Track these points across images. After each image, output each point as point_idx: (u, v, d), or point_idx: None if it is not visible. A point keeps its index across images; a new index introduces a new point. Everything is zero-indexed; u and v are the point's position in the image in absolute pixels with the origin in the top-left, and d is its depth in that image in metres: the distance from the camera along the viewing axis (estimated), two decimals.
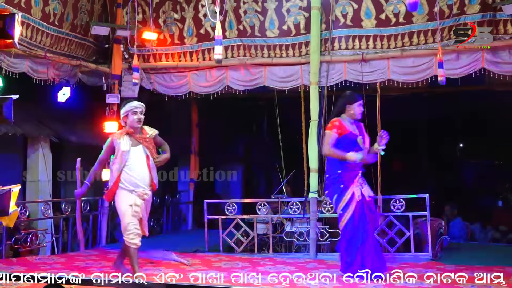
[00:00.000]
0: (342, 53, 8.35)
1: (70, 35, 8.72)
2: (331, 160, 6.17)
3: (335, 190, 6.08)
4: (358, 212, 5.96)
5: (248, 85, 8.95)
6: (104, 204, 9.19)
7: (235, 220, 8.35)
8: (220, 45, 7.04)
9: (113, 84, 9.35)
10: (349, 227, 5.99)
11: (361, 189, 6.07)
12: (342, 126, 6.08)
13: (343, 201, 6.00)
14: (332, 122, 6.14)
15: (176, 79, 9.34)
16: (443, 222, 8.64)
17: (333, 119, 6.19)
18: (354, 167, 6.05)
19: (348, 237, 6.00)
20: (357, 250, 5.91)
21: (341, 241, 6.14)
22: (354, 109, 6.17)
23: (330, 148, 6.03)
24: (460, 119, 14.75)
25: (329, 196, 6.29)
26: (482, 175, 16.90)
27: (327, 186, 6.29)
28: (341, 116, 6.19)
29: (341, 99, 6.31)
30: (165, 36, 9.33)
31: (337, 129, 6.05)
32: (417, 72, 8.02)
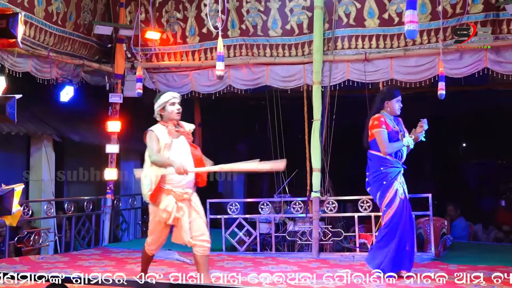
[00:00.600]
0: (345, 53, 8.34)
1: (73, 34, 8.73)
2: (373, 157, 6.11)
3: (378, 187, 6.04)
4: (400, 210, 5.94)
5: (250, 85, 8.94)
6: (107, 204, 9.20)
7: (237, 219, 8.35)
8: (222, 61, 7.07)
9: (116, 84, 9.36)
10: (391, 224, 5.95)
11: (403, 187, 6.05)
12: (386, 122, 6.04)
13: (386, 198, 5.96)
14: (378, 119, 6.05)
15: (179, 79, 9.34)
16: (446, 222, 8.64)
17: (376, 115, 6.10)
18: (396, 164, 6.02)
19: (388, 233, 5.96)
20: (394, 249, 5.89)
21: (381, 236, 6.06)
22: (393, 105, 6.13)
23: (388, 146, 5.96)
24: (463, 118, 14.72)
25: (371, 193, 6.25)
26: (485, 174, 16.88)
27: (368, 184, 6.24)
28: (381, 112, 6.13)
29: (379, 96, 6.25)
30: (168, 36, 9.33)
31: (385, 125, 6.00)
32: (420, 72, 8.01)
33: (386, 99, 6.14)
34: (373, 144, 6.12)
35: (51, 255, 8.16)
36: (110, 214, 9.23)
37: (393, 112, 6.14)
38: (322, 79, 8.26)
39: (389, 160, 5.99)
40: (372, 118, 6.13)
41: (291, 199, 8.40)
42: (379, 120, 6.02)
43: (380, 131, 5.97)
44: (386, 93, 6.21)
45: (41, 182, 9.69)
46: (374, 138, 6.07)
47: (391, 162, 6.00)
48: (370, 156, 6.18)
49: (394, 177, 5.98)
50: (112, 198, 9.29)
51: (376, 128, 6.01)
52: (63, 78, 8.74)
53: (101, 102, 9.62)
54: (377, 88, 8.32)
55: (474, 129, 15.45)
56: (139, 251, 8.25)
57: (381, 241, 6.01)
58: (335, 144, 8.45)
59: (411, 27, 5.67)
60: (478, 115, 13.71)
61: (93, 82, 9.46)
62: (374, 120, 6.07)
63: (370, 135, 6.12)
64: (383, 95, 6.21)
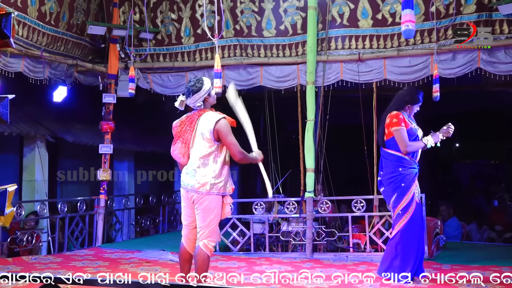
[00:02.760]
0: (339, 53, 8.34)
1: (66, 34, 8.69)
2: (391, 157, 5.89)
3: (394, 189, 5.82)
4: (417, 215, 5.79)
5: (244, 85, 8.92)
6: (100, 204, 9.17)
7: (231, 220, 8.34)
8: (219, 78, 7.07)
9: (109, 84, 9.32)
10: (407, 229, 5.75)
11: (418, 189, 5.90)
12: (405, 120, 5.86)
13: (404, 201, 5.76)
14: (397, 116, 5.84)
15: (174, 79, 9.31)
16: (438, 222, 8.64)
17: (394, 113, 5.89)
18: (413, 165, 5.86)
19: (406, 239, 5.75)
20: (414, 254, 5.75)
21: (396, 242, 5.82)
22: (414, 108, 6.00)
23: (409, 144, 5.78)
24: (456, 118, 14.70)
25: (385, 194, 6.00)
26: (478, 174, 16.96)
27: (382, 184, 6.04)
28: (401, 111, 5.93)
29: (401, 98, 6.02)
30: (163, 36, 9.31)
31: (405, 123, 5.81)
32: (413, 72, 8.01)
33: (409, 103, 5.96)
34: (390, 142, 5.90)
35: (44, 256, 8.12)
36: (103, 215, 9.19)
37: (411, 113, 6.01)
38: (315, 79, 8.26)
39: (407, 161, 5.81)
40: (390, 115, 5.91)
41: (284, 199, 8.39)
42: (398, 118, 5.82)
43: (400, 129, 5.77)
44: (411, 98, 5.98)
45: (34, 183, 9.64)
46: (392, 136, 5.85)
47: (410, 163, 5.83)
48: (386, 155, 5.94)
49: (412, 179, 5.81)
50: (106, 199, 9.25)
51: (396, 126, 5.79)
52: (56, 78, 8.71)
53: (95, 102, 9.58)
54: (371, 89, 8.33)
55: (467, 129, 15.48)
56: (133, 252, 8.27)
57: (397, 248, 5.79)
58: (329, 144, 8.45)
59: (408, 27, 5.66)
60: (471, 115, 13.75)
61: (86, 82, 9.42)
62: (393, 117, 5.86)
63: (388, 133, 5.89)
64: (407, 98, 5.97)
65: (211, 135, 4.96)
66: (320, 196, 8.13)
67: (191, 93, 5.08)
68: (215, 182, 4.95)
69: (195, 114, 5.12)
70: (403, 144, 5.76)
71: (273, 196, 8.57)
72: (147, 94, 9.99)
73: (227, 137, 4.97)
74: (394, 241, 5.82)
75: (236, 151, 5.01)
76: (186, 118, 5.17)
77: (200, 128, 5.03)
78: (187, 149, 5.08)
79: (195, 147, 5.04)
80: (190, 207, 5.07)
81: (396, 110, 5.93)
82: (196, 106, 5.13)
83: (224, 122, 5.00)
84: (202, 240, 4.95)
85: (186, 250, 5.14)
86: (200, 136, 5.01)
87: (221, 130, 4.96)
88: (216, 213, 4.98)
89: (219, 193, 4.97)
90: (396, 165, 5.85)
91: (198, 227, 4.99)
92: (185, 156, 5.10)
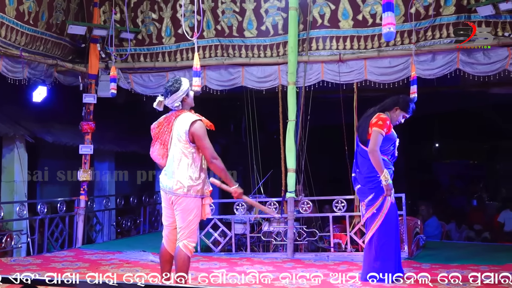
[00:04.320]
0: (320, 53, 8.35)
1: (45, 34, 8.59)
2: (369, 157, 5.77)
3: (372, 189, 5.76)
4: (391, 213, 5.76)
5: (226, 85, 8.90)
6: (81, 205, 9.08)
7: (212, 220, 8.31)
8: (198, 77, 7.04)
9: (89, 84, 9.24)
10: (384, 228, 5.72)
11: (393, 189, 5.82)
12: (390, 126, 5.79)
13: (379, 201, 5.72)
14: (384, 120, 5.74)
15: (155, 79, 9.26)
16: (418, 221, 8.70)
17: (383, 116, 5.78)
18: (390, 166, 5.82)
19: (383, 239, 5.72)
20: (393, 253, 5.74)
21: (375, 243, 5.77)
22: (399, 116, 5.90)
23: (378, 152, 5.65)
24: (436, 119, 14.90)
25: (361, 193, 5.94)
26: (457, 174, 17.11)
27: (356, 181, 5.97)
28: (386, 114, 5.84)
29: (394, 99, 5.94)
30: (143, 36, 9.25)
31: (387, 129, 5.72)
32: (393, 73, 8.04)
33: (399, 106, 5.87)
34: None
35: (23, 257, 8.03)
36: (83, 216, 9.11)
37: (394, 120, 5.90)
38: (296, 80, 8.26)
39: (386, 161, 5.75)
40: (378, 116, 5.79)
41: (266, 200, 8.39)
42: (384, 122, 5.72)
43: (380, 133, 5.66)
44: (402, 103, 5.90)
45: (13, 184, 9.53)
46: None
47: (387, 164, 5.79)
48: (365, 154, 5.80)
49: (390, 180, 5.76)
50: (86, 199, 9.17)
51: (378, 128, 5.68)
52: (36, 78, 8.60)
53: (75, 102, 9.50)
54: (351, 89, 8.36)
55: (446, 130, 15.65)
56: (113, 253, 8.21)
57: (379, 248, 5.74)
58: (310, 144, 8.46)
59: (390, 29, 5.66)
60: (450, 115, 13.88)
61: (66, 83, 9.33)
62: (380, 119, 5.74)
63: (370, 133, 5.77)
64: (399, 101, 5.91)
65: (186, 137, 4.93)
66: (301, 196, 8.13)
67: (169, 93, 5.05)
68: (193, 184, 4.92)
69: (172, 115, 5.10)
70: (373, 144, 5.65)
71: (254, 197, 8.58)
72: (127, 94, 9.93)
73: (201, 140, 4.93)
74: (373, 243, 5.80)
75: (210, 156, 4.96)
76: (164, 119, 5.15)
77: (176, 130, 5.00)
78: (166, 151, 5.06)
79: (172, 149, 5.02)
80: (170, 208, 5.04)
81: (383, 110, 5.88)
82: (174, 106, 5.10)
83: (199, 125, 4.96)
84: (182, 240, 4.92)
85: (166, 251, 5.11)
86: (177, 137, 4.99)
87: (196, 133, 4.92)
88: (195, 214, 4.96)
89: (197, 195, 4.94)
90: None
91: (178, 227, 4.97)
92: (164, 157, 5.07)
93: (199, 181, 4.96)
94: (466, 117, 13.88)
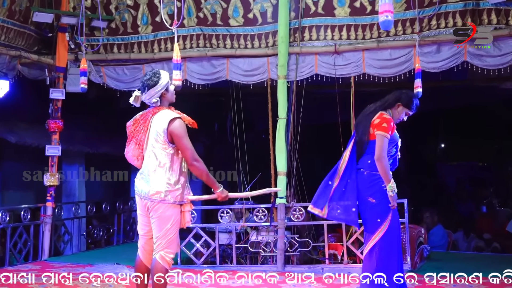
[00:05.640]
0: (313, 44, 8.37)
1: (7, 22, 8.54)
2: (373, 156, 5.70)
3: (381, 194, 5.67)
4: (394, 222, 5.71)
5: (208, 79, 8.91)
6: (47, 212, 9.04)
7: (194, 229, 8.30)
8: (179, 70, 7.02)
9: (57, 78, 9.19)
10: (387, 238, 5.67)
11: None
12: (394, 127, 5.74)
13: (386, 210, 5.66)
14: (389, 122, 5.67)
15: (130, 72, 9.25)
16: (422, 230, 8.74)
17: (387, 117, 5.72)
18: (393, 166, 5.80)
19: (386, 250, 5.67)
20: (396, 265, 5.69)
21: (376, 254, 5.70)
22: (401, 114, 5.85)
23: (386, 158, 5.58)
24: (442, 117, 14.96)
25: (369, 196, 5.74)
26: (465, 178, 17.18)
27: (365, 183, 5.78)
28: (388, 112, 5.79)
29: (396, 94, 5.86)
30: (117, 25, 9.23)
31: (391, 132, 5.68)
32: (394, 66, 8.08)
33: (401, 103, 5.82)
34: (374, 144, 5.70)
35: None
36: (50, 224, 9.07)
37: (396, 117, 5.83)
38: (287, 73, 8.28)
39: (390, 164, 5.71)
40: (381, 115, 5.72)
41: (253, 206, 8.40)
42: (389, 124, 5.66)
43: (385, 137, 5.61)
44: (405, 98, 5.85)
45: None
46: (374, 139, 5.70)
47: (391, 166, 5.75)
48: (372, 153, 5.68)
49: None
50: (53, 206, 9.13)
51: (383, 132, 5.62)
52: None
53: (41, 98, 9.46)
54: (348, 84, 8.38)
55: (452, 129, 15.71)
56: (84, 266, 8.19)
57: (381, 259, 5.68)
58: (303, 145, 8.48)
59: (387, 17, 5.67)
60: (456, 113, 13.93)
61: (31, 76, 9.29)
62: (384, 120, 5.67)
63: (373, 133, 5.69)
64: (401, 96, 5.84)
65: (165, 136, 4.92)
66: (293, 203, 8.14)
67: (147, 88, 5.04)
68: (171, 189, 4.92)
69: (149, 112, 5.10)
70: (380, 151, 5.59)
71: (241, 203, 8.59)
72: (99, 90, 9.90)
73: (181, 140, 4.92)
74: (374, 254, 5.81)
75: (190, 157, 4.95)
76: (140, 116, 5.14)
77: (154, 128, 5.00)
78: (141, 151, 5.06)
79: (149, 149, 5.01)
80: (146, 215, 5.04)
81: (385, 107, 5.86)
82: (151, 102, 5.09)
83: (178, 123, 4.95)
84: (158, 251, 4.92)
85: (142, 263, 5.11)
86: (154, 137, 4.98)
87: (175, 132, 4.91)
88: (174, 222, 4.95)
89: (175, 201, 4.94)
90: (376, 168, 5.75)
91: (154, 237, 4.97)
92: (139, 158, 5.08)
93: (178, 186, 4.96)
94: (474, 114, 13.93)
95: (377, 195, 5.72)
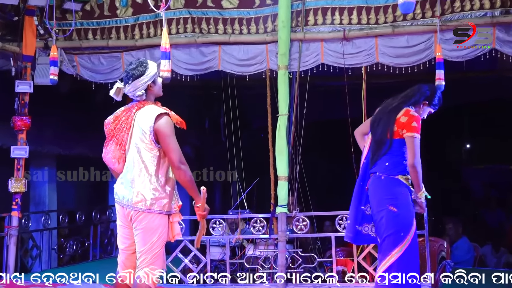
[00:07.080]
0: (319, 29, 8.39)
1: None
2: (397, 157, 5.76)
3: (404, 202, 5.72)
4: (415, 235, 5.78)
5: (198, 70, 8.91)
6: (13, 223, 9.04)
7: (182, 242, 8.30)
8: (167, 59, 7.03)
9: (24, 68, 9.21)
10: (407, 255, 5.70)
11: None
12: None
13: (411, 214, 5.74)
14: (418, 121, 5.69)
15: (107, 62, 9.26)
16: (445, 243, 8.75)
17: (416, 115, 5.74)
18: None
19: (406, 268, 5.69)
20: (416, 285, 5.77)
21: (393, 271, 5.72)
22: (425, 112, 5.93)
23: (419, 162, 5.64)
24: (467, 113, 14.97)
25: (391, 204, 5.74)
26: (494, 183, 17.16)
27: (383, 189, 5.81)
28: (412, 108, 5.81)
29: (422, 90, 5.89)
30: (92, 7, 9.24)
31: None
32: (412, 54, 8.09)
33: (428, 101, 5.89)
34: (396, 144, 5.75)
35: None
36: (16, 237, 9.07)
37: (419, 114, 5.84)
38: (289, 63, 8.28)
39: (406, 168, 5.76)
40: (407, 112, 5.72)
41: (250, 216, 8.39)
42: (418, 123, 5.67)
43: (417, 138, 5.64)
44: (433, 96, 5.92)
45: None
46: (403, 138, 5.70)
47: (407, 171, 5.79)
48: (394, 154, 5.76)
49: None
50: (20, 216, 9.13)
51: (413, 133, 5.63)
52: None
53: (5, 92, 9.45)
54: (359, 75, 8.38)
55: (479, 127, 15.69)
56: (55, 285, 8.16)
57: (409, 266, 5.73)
58: (307, 145, 8.48)
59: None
60: (484, 108, 13.92)
61: None
62: (414, 119, 5.68)
63: (396, 131, 5.70)
64: (429, 93, 5.90)
65: (151, 135, 4.92)
66: (296, 212, 8.14)
67: (131, 79, 5.04)
68: (158, 196, 4.91)
69: (133, 107, 5.09)
70: (413, 155, 5.63)
71: (236, 212, 8.58)
72: (73, 82, 9.89)
73: (166, 139, 4.90)
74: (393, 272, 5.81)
75: (177, 160, 4.92)
76: (121, 112, 5.13)
77: (138, 126, 4.99)
78: (123, 153, 5.04)
79: (132, 150, 5.00)
80: (128, 227, 5.03)
81: (410, 104, 5.84)
82: (136, 95, 5.09)
83: (165, 120, 4.95)
84: (143, 268, 4.91)
85: (123, 282, 5.09)
86: (139, 136, 4.97)
87: (160, 130, 4.90)
88: (160, 234, 4.95)
89: (162, 211, 4.93)
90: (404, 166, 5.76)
91: (138, 252, 4.96)
92: (120, 161, 5.06)
93: (166, 193, 4.95)
94: (504, 110, 13.93)
95: (400, 203, 5.73)
